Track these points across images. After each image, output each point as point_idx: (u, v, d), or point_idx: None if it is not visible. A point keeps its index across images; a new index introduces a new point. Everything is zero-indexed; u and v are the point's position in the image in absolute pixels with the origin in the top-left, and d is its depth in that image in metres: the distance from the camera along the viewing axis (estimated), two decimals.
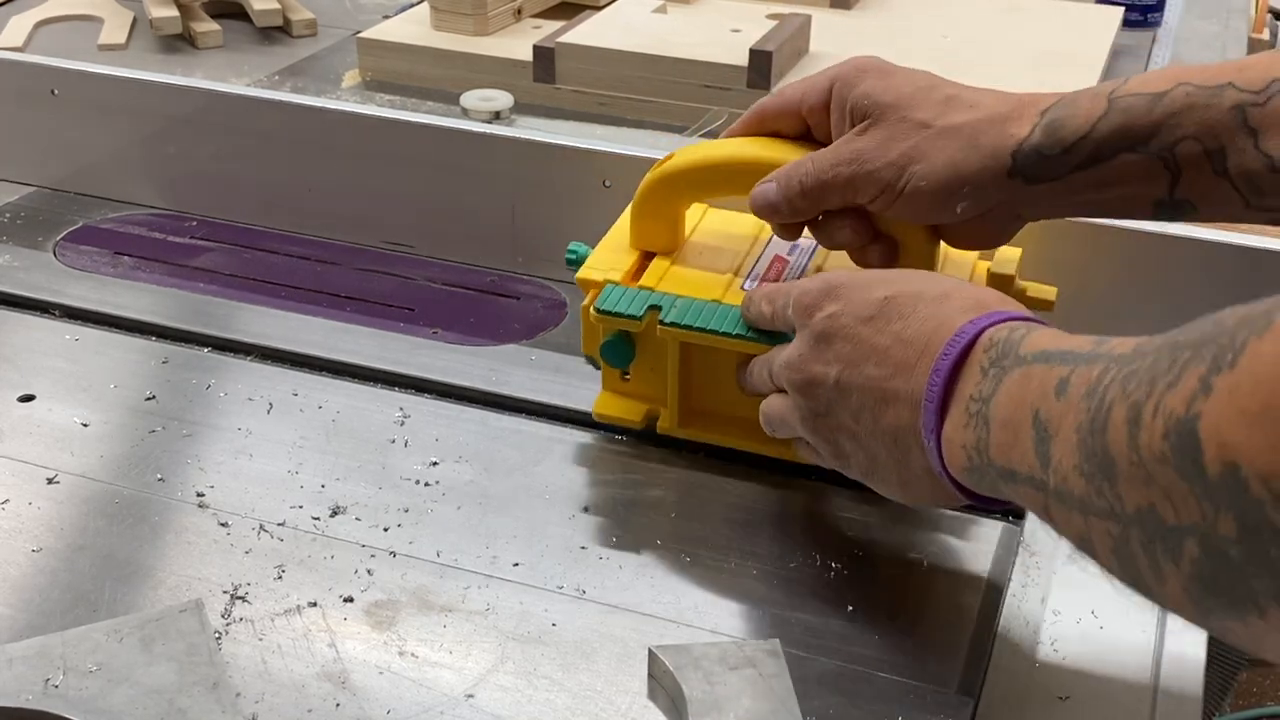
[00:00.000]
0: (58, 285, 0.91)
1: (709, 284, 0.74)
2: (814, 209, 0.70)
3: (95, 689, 0.56)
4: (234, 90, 1.01)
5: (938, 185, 0.66)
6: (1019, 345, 0.54)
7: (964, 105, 0.67)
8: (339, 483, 0.72)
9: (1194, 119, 0.62)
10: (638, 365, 0.75)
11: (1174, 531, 0.40)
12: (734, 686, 0.57)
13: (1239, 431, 0.36)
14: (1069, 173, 0.65)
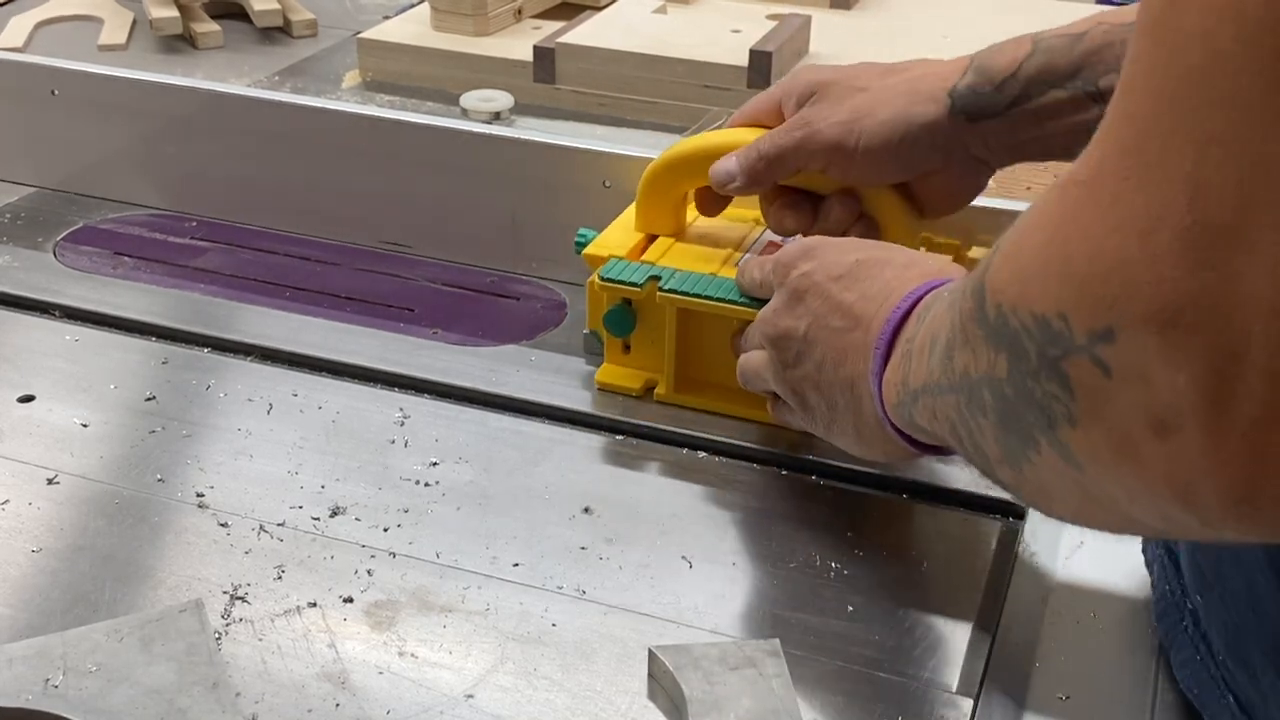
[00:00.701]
0: (58, 285, 0.91)
1: (707, 259, 0.79)
2: (771, 176, 0.75)
3: (95, 689, 0.56)
4: (234, 90, 1.01)
5: (887, 136, 0.71)
6: (945, 289, 0.57)
7: (900, 70, 0.74)
8: (339, 483, 0.72)
9: (1113, 54, 0.67)
10: (638, 336, 0.79)
11: (977, 384, 0.45)
12: (734, 686, 0.57)
13: (1002, 273, 0.41)
14: (1006, 109, 0.70)
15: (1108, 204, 0.36)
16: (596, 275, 0.78)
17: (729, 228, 0.83)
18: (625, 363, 0.80)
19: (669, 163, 0.80)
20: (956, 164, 0.73)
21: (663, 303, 0.76)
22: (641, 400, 0.79)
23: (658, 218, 0.82)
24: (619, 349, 0.80)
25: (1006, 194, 1.01)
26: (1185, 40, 0.34)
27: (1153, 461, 0.37)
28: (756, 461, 0.75)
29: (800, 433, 0.74)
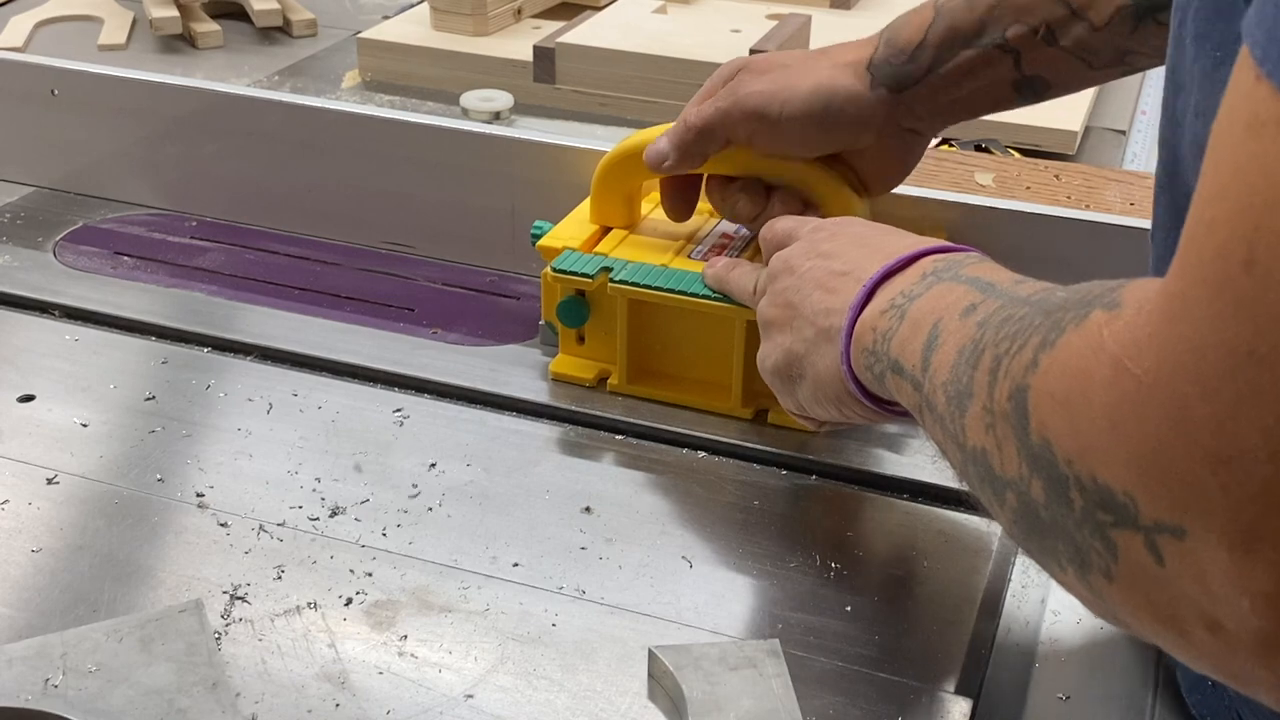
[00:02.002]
0: (58, 285, 0.91)
1: (660, 251, 0.81)
2: (701, 149, 0.77)
3: (95, 689, 0.56)
4: (234, 90, 1.01)
5: (810, 105, 0.73)
6: (964, 267, 0.56)
7: (819, 52, 0.76)
8: (339, 483, 0.72)
9: (1012, 6, 0.69)
10: (591, 327, 0.80)
11: (999, 480, 0.44)
12: (734, 686, 0.57)
13: (1050, 411, 0.40)
14: (923, 76, 0.72)
15: (1179, 404, 0.35)
16: (550, 267, 0.79)
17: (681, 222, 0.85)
18: (579, 354, 0.81)
19: (621, 156, 0.82)
20: (888, 137, 0.75)
21: (614, 294, 0.77)
22: (595, 390, 0.80)
23: (611, 210, 0.83)
24: (573, 340, 0.81)
25: (1007, 194, 1.02)
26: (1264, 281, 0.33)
27: (1200, 644, 0.37)
28: (756, 459, 0.75)
29: (756, 421, 0.76)
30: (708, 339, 0.78)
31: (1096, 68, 0.70)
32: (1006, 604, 0.66)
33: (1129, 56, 0.70)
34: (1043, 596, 0.67)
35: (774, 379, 0.68)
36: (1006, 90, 0.73)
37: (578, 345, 0.81)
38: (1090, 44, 0.69)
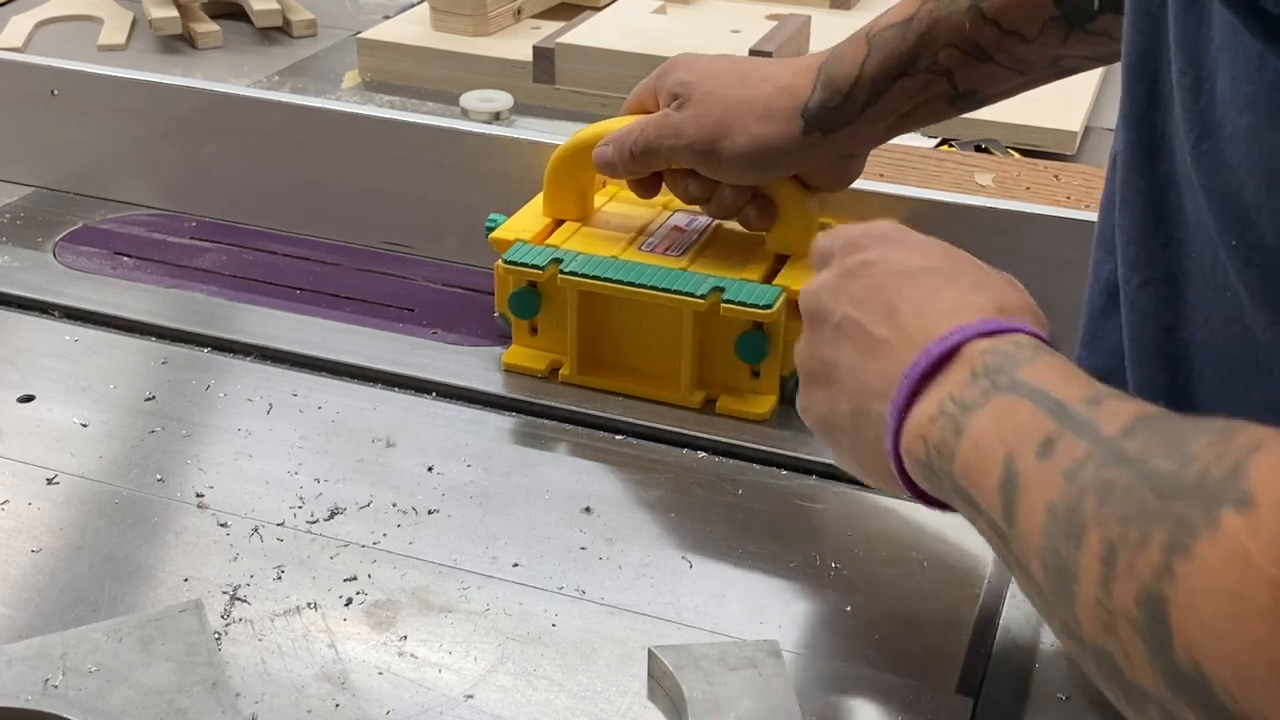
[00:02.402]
0: (57, 286, 0.91)
1: (610, 243, 0.82)
2: (645, 169, 0.80)
3: (94, 689, 0.56)
4: (234, 90, 1.01)
5: (748, 154, 0.75)
6: (1019, 367, 0.50)
7: (757, 79, 0.76)
8: (338, 483, 0.72)
9: (944, 29, 0.70)
10: (544, 318, 0.81)
11: (1133, 688, 0.40)
12: (734, 686, 0.57)
13: (1200, 636, 0.36)
14: (860, 112, 0.73)
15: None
16: (501, 259, 0.81)
17: (635, 213, 0.86)
18: (532, 345, 0.83)
19: (572, 149, 0.83)
20: (826, 164, 0.78)
21: (564, 285, 0.78)
22: (546, 381, 0.81)
23: (564, 203, 0.85)
24: (526, 331, 0.83)
25: (1007, 194, 1.02)
26: None
27: None
28: (756, 459, 0.75)
29: (705, 411, 0.78)
30: (657, 329, 0.79)
31: (1030, 75, 0.72)
32: (1006, 604, 0.66)
33: (1061, 61, 0.71)
34: None
35: (816, 432, 0.63)
36: (941, 106, 0.74)
37: (531, 337, 0.83)
38: (1023, 56, 0.70)
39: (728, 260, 0.80)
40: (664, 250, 0.82)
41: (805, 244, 0.75)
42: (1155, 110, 0.49)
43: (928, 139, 1.16)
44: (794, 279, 0.78)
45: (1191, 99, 0.45)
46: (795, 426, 0.75)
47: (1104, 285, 0.57)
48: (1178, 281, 0.48)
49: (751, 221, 0.80)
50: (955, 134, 1.16)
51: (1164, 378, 0.49)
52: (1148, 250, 0.50)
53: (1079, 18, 0.67)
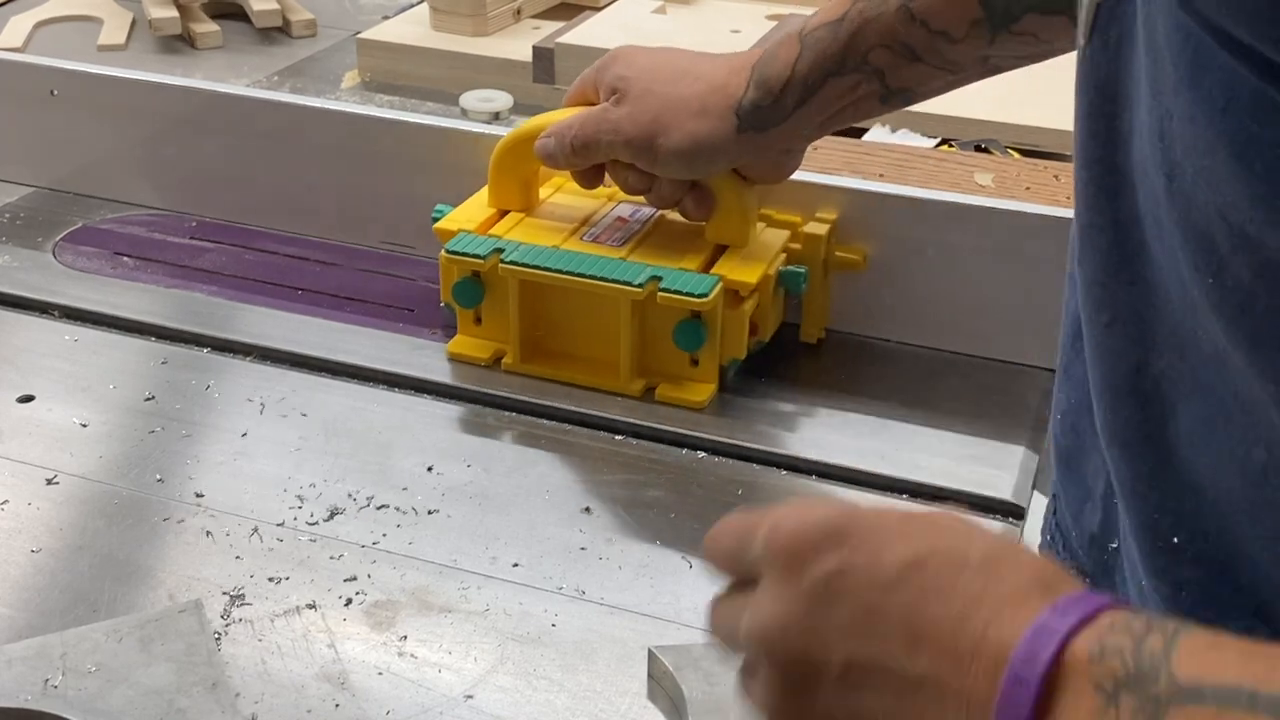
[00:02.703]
0: (57, 285, 0.91)
1: (552, 233, 0.83)
2: (585, 162, 0.81)
3: (94, 689, 0.56)
4: (234, 90, 1.01)
5: (683, 152, 0.76)
6: (1162, 665, 0.37)
7: (692, 77, 0.77)
8: (338, 483, 0.72)
9: (874, 30, 0.71)
10: (487, 308, 0.83)
11: None
12: (734, 686, 0.57)
13: None
14: (792, 111, 0.74)
15: None
16: (444, 248, 0.81)
17: (581, 204, 0.86)
18: (477, 334, 0.83)
19: (515, 141, 0.84)
20: (761, 159, 0.79)
21: (505, 274, 0.79)
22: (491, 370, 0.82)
23: (508, 194, 0.85)
24: (471, 320, 0.83)
25: (1007, 194, 1.02)
26: None
27: None
28: (756, 459, 0.75)
29: (645, 398, 0.79)
30: (596, 318, 0.80)
31: (959, 73, 0.73)
32: None
33: (990, 60, 0.72)
34: None
35: None
36: (873, 104, 0.75)
37: (475, 326, 0.83)
38: (951, 56, 0.71)
39: (667, 250, 0.81)
40: (606, 240, 0.82)
41: (744, 234, 0.80)
42: (1115, 149, 0.49)
43: (928, 139, 1.16)
44: (731, 268, 0.79)
45: (1157, 137, 0.44)
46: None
47: (1071, 319, 0.58)
48: (1145, 319, 0.48)
49: (690, 212, 0.81)
50: (955, 134, 1.16)
51: (1138, 416, 0.49)
52: (1113, 289, 0.49)
53: (1003, 19, 0.68)
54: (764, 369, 0.82)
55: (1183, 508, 0.48)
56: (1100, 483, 0.56)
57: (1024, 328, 0.83)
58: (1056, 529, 0.61)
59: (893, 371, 0.84)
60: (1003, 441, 0.76)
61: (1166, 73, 0.43)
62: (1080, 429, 0.57)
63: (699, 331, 0.77)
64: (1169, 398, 0.48)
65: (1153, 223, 0.46)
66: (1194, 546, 0.48)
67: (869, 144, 1.10)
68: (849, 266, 0.84)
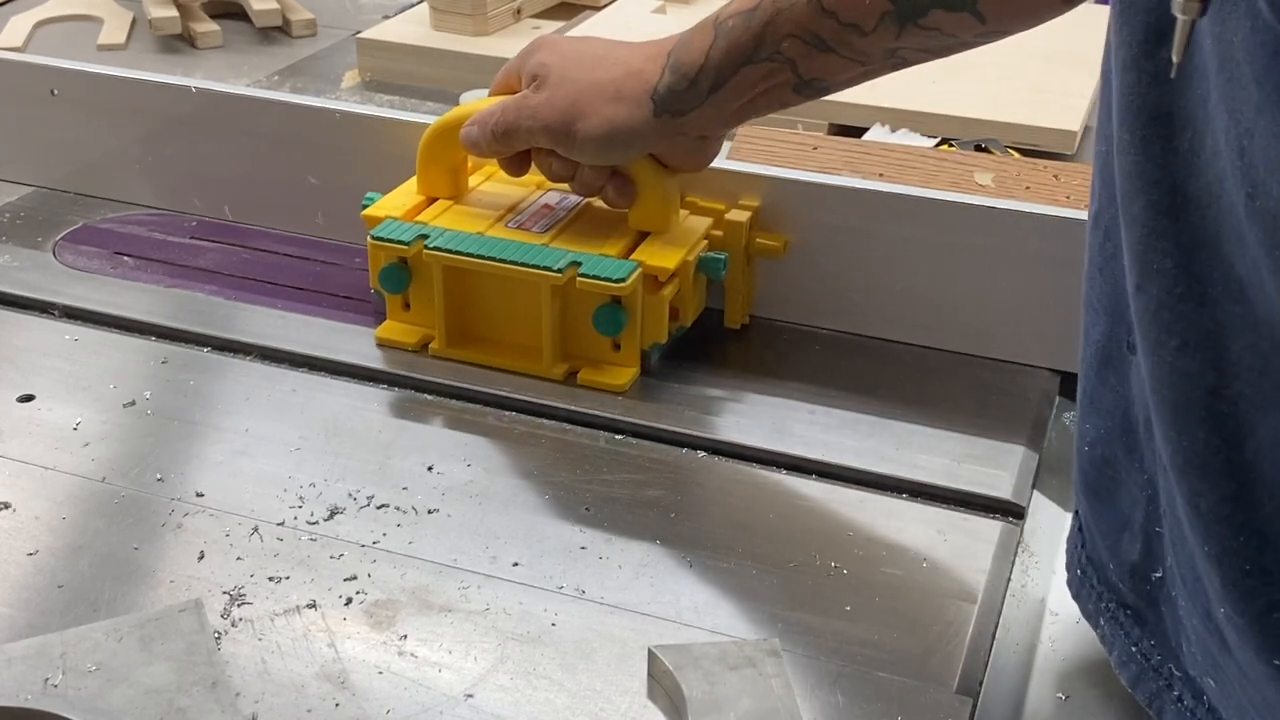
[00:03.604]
0: (57, 285, 0.91)
1: (478, 220, 0.84)
2: (508, 149, 0.82)
3: (94, 689, 0.56)
4: (234, 90, 1.01)
5: (600, 137, 0.77)
6: None
7: (610, 63, 0.79)
8: (338, 483, 0.72)
9: (785, 20, 0.72)
10: (415, 294, 0.84)
11: None
12: (734, 686, 0.57)
13: None
14: (706, 96, 0.75)
15: None
16: (370, 235, 0.83)
17: (509, 192, 0.88)
18: (405, 319, 0.85)
19: (441, 129, 0.85)
20: (680, 146, 0.80)
21: (430, 260, 0.81)
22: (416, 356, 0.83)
23: (437, 181, 0.86)
24: (400, 306, 0.85)
25: (1007, 194, 1.02)
26: None
27: None
28: (754, 458, 0.75)
29: (568, 383, 0.81)
30: (519, 303, 0.81)
31: (869, 65, 0.74)
32: (1006, 604, 0.66)
33: (899, 53, 0.73)
34: (1042, 596, 0.67)
35: None
36: (787, 93, 0.76)
37: (404, 312, 0.85)
38: (861, 48, 0.72)
39: (590, 237, 0.82)
40: (531, 227, 0.83)
41: (665, 221, 0.82)
42: (1176, 171, 0.48)
43: (927, 139, 1.16)
44: (651, 254, 0.80)
45: (1237, 156, 0.44)
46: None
47: (1096, 349, 0.57)
48: (1220, 339, 0.47)
49: (611, 199, 0.82)
50: (955, 134, 1.16)
51: (1215, 439, 0.48)
52: (1183, 311, 0.48)
53: (910, 13, 0.70)
54: (689, 354, 0.84)
55: (1269, 528, 0.47)
56: (1139, 512, 0.56)
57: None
58: (1088, 562, 0.60)
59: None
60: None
61: (1248, 92, 0.42)
62: (1113, 459, 0.57)
63: (619, 316, 0.79)
64: (1247, 417, 0.47)
65: (1234, 241, 0.46)
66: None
67: (869, 144, 1.10)
68: (769, 253, 0.86)
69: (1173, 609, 0.55)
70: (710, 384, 0.82)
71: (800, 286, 0.87)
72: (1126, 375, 0.55)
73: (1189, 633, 0.54)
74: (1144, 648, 0.58)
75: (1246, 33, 0.41)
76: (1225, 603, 0.49)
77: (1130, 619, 0.58)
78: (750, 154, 1.05)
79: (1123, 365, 0.55)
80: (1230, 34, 0.43)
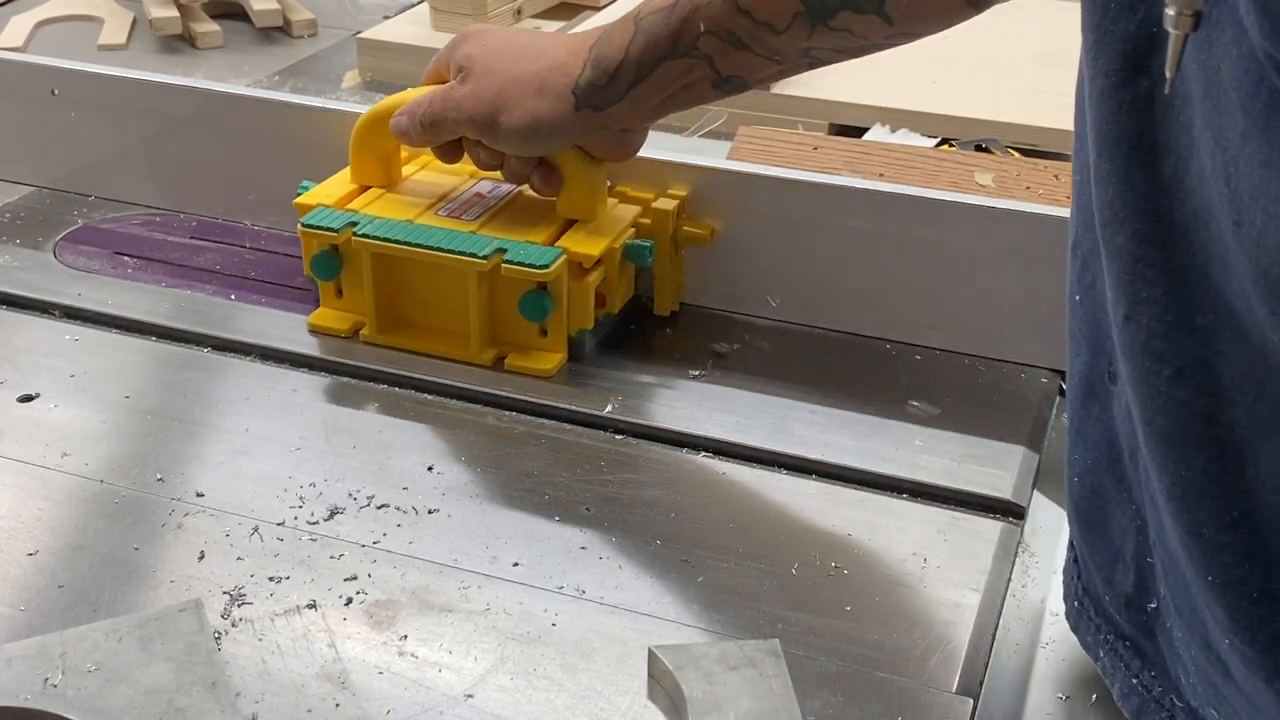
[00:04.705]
0: (58, 285, 0.91)
1: (409, 208, 0.85)
2: (436, 139, 0.84)
3: (94, 688, 0.56)
4: (234, 90, 1.01)
5: (523, 129, 0.79)
6: None
7: (534, 56, 0.80)
8: (338, 483, 0.72)
9: (703, 17, 0.74)
10: (346, 281, 0.85)
11: None
12: (734, 686, 0.57)
13: None
14: (627, 90, 0.77)
15: None
16: (300, 222, 0.84)
17: (441, 181, 0.89)
18: (338, 306, 0.86)
19: (373, 118, 0.87)
20: (602, 138, 0.81)
21: (359, 247, 0.82)
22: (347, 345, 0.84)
23: (369, 170, 0.88)
24: (333, 293, 0.86)
25: (1007, 194, 1.02)
26: None
27: None
28: (754, 459, 0.75)
29: (495, 368, 0.82)
30: (446, 290, 0.83)
31: (784, 64, 0.76)
32: (1006, 604, 0.66)
33: (812, 53, 0.75)
34: (1043, 596, 0.67)
35: None
36: (706, 88, 0.78)
37: (337, 299, 0.86)
38: (775, 46, 0.74)
39: (518, 224, 0.84)
40: (461, 215, 0.85)
41: (592, 209, 0.83)
42: (1159, 199, 0.48)
43: (928, 139, 1.16)
44: (576, 241, 0.82)
45: (1223, 183, 0.44)
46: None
47: (1079, 379, 0.57)
48: (1213, 365, 0.47)
49: (538, 188, 0.84)
50: (955, 134, 1.16)
51: (1214, 466, 0.48)
52: (1174, 339, 0.48)
53: (820, 14, 0.72)
54: (618, 341, 0.85)
55: (1273, 553, 0.47)
56: (1130, 542, 0.55)
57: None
58: (1084, 593, 0.60)
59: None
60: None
61: (1234, 119, 0.42)
62: (1102, 489, 0.56)
63: (544, 302, 0.80)
64: (1246, 442, 0.47)
65: (1220, 268, 0.45)
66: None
67: (869, 144, 1.10)
68: (696, 241, 0.87)
69: (1169, 640, 0.55)
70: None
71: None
72: (1109, 405, 0.55)
73: (1187, 664, 0.54)
74: (1144, 679, 0.57)
75: (1233, 59, 0.41)
76: (1231, 633, 0.49)
77: (1129, 651, 0.58)
78: (750, 154, 1.05)
79: (1105, 395, 0.55)
80: (1217, 59, 0.42)
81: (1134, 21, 0.47)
